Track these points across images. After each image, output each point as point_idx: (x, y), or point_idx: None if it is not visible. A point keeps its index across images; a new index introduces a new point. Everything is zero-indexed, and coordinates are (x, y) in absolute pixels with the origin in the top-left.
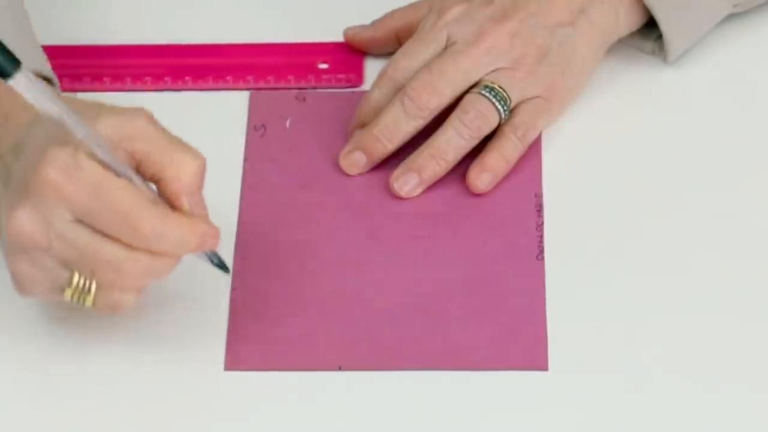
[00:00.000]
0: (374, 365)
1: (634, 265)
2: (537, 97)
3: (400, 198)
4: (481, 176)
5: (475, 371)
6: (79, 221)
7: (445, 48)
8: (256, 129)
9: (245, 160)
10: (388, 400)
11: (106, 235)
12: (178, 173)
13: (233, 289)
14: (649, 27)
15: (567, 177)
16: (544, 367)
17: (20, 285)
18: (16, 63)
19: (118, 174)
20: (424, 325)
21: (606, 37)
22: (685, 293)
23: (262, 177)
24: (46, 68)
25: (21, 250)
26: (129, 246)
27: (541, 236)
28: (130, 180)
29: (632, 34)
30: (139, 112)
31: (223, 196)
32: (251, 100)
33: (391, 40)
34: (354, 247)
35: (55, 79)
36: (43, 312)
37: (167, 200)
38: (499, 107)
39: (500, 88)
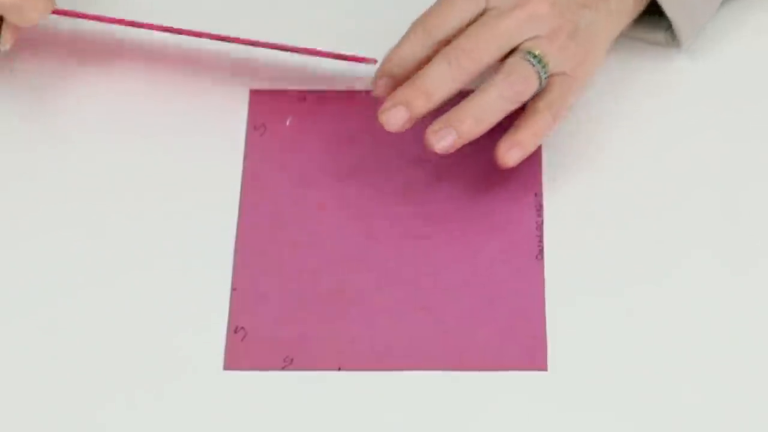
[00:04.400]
0: (374, 365)
1: (634, 265)
2: (564, 73)
3: (399, 198)
4: (511, 152)
5: (474, 371)
6: None
7: (482, 14)
8: (256, 128)
9: (245, 159)
10: (387, 401)
11: None
12: None
13: (233, 288)
14: (659, 18)
15: (567, 177)
16: (543, 367)
17: None
18: None
19: None
20: (423, 325)
21: (619, 26)
22: (686, 293)
23: (262, 177)
24: None
25: None
26: None
27: (541, 236)
28: None
29: (643, 29)
30: None
31: (223, 196)
32: (251, 99)
33: None
34: (354, 247)
35: None
36: (44, 306)
37: None
38: (542, 75)
39: (541, 55)
